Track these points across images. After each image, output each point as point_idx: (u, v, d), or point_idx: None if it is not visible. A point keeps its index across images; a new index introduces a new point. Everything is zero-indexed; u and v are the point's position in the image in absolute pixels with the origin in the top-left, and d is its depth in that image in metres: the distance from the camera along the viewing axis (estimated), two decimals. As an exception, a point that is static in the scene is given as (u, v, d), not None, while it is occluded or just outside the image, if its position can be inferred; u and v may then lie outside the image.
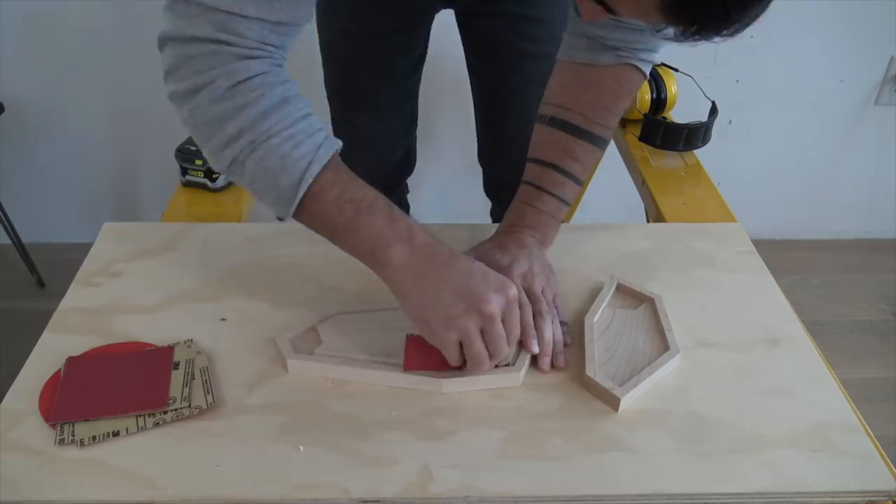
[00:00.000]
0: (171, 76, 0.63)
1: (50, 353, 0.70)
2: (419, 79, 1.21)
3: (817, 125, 1.92)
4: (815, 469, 0.61)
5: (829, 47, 1.79)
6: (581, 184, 0.80)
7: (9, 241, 1.80)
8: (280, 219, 0.67)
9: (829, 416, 0.66)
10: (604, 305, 0.77)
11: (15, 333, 0.62)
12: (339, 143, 0.66)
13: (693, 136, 1.13)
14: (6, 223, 1.75)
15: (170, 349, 0.70)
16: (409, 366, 0.68)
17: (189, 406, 0.65)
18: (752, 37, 1.91)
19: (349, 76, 1.15)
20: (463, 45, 1.15)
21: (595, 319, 0.75)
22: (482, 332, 0.64)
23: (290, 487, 0.59)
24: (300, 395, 0.67)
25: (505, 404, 0.67)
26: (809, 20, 1.74)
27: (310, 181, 0.63)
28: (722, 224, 0.94)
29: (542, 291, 0.74)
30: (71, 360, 0.69)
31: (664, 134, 1.14)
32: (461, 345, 0.65)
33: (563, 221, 0.82)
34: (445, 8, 1.10)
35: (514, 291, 0.65)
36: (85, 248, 0.85)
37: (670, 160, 1.15)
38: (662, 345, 0.72)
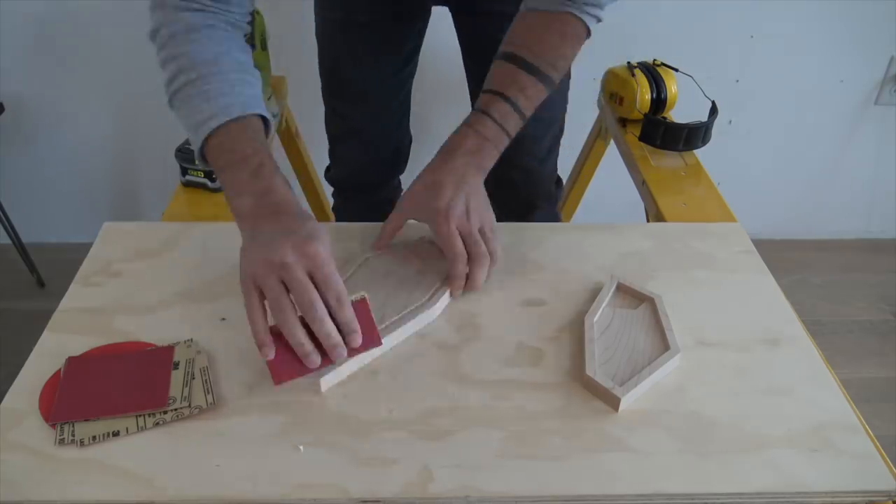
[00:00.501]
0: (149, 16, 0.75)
1: (50, 353, 0.70)
2: (411, 74, 1.21)
3: (817, 125, 1.92)
4: (815, 469, 0.61)
5: (829, 47, 1.79)
6: (523, 117, 0.84)
7: (9, 241, 1.80)
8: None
9: (829, 416, 0.66)
10: (604, 305, 0.77)
11: (15, 333, 0.62)
12: (258, 109, 0.73)
13: (693, 136, 1.14)
14: (6, 223, 1.75)
15: (170, 349, 0.70)
16: (279, 379, 0.66)
17: (189, 406, 0.65)
18: (752, 37, 1.92)
19: (338, 65, 1.16)
20: (459, 44, 1.16)
21: (595, 319, 0.75)
22: (286, 284, 0.64)
23: (290, 487, 0.59)
24: (300, 395, 0.67)
25: (505, 404, 0.67)
26: (809, 20, 1.74)
27: (206, 133, 0.71)
28: (722, 224, 0.94)
29: (481, 229, 0.78)
30: (71, 360, 0.69)
31: (664, 134, 1.15)
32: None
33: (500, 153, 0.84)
34: (437, 4, 1.11)
35: (316, 251, 0.64)
36: (85, 248, 0.85)
37: (670, 160, 1.15)
38: (663, 344, 0.72)
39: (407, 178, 1.39)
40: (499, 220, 0.84)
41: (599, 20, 0.85)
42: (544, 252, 0.86)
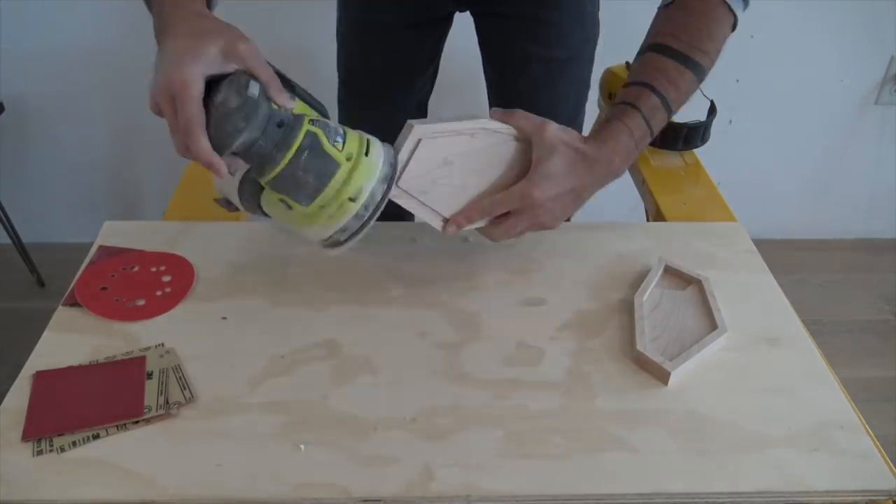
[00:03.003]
0: None
1: (50, 353, 0.70)
2: (428, 83, 1.20)
3: (817, 125, 1.92)
4: (816, 468, 0.61)
5: (829, 47, 1.79)
6: (671, 113, 0.78)
7: (9, 241, 1.80)
8: None
9: (829, 415, 0.66)
10: (652, 286, 0.79)
11: (15, 333, 0.62)
12: None
13: (692, 135, 1.14)
14: (6, 223, 1.75)
15: (141, 359, 0.69)
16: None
17: (167, 403, 0.65)
18: (752, 37, 1.92)
19: (354, 69, 1.15)
20: (480, 50, 1.15)
21: (644, 298, 0.77)
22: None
23: (290, 487, 0.59)
24: (300, 394, 0.67)
25: (505, 403, 0.67)
26: (809, 20, 1.74)
27: None
28: (722, 223, 0.94)
29: (547, 205, 0.72)
30: (39, 375, 0.68)
31: (663, 133, 1.14)
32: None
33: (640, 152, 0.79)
34: (459, 9, 1.09)
35: (182, 74, 0.60)
36: (85, 248, 0.85)
37: (670, 159, 1.15)
38: (710, 324, 0.74)
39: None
40: None
41: (747, 4, 0.80)
42: (544, 251, 0.86)
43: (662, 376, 0.69)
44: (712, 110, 1.16)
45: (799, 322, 0.77)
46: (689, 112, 1.18)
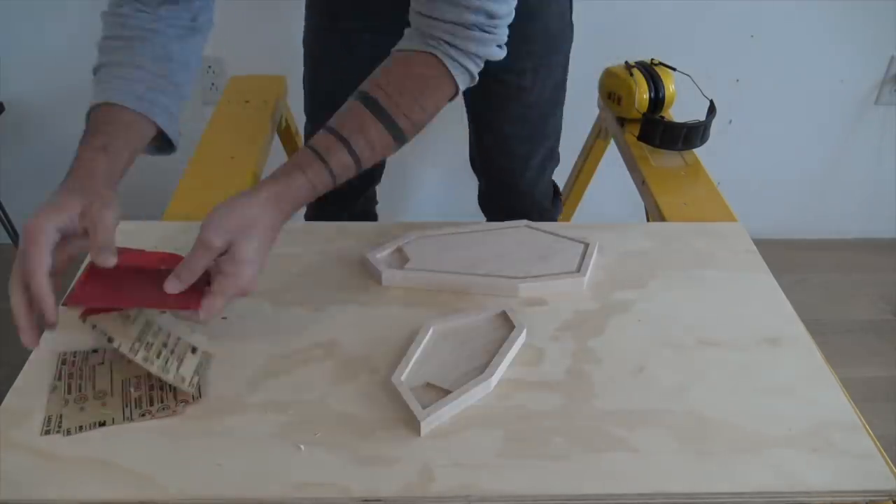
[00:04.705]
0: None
1: (50, 353, 0.70)
2: None
3: (817, 125, 1.92)
4: (816, 469, 0.61)
5: (829, 47, 1.79)
6: (359, 167, 0.73)
7: (9, 241, 1.80)
8: None
9: (829, 415, 0.66)
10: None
11: (15, 333, 0.62)
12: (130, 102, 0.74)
13: (692, 135, 1.13)
14: (6, 223, 1.75)
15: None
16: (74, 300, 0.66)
17: (175, 400, 0.65)
18: (752, 37, 1.92)
19: (317, 74, 1.13)
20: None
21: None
22: None
23: (290, 487, 0.59)
24: (300, 394, 0.67)
25: (505, 403, 0.67)
26: (809, 20, 1.74)
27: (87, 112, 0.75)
28: (722, 223, 0.94)
29: (235, 248, 0.66)
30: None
31: (663, 133, 1.14)
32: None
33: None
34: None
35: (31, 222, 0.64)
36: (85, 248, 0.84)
37: (670, 159, 1.15)
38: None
39: (412, 179, 1.39)
40: None
41: (472, 77, 0.76)
42: (544, 252, 0.86)
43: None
44: (712, 110, 1.16)
45: (799, 322, 0.77)
46: (691, 112, 1.18)
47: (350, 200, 1.27)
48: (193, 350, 0.69)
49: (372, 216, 1.39)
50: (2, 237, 1.81)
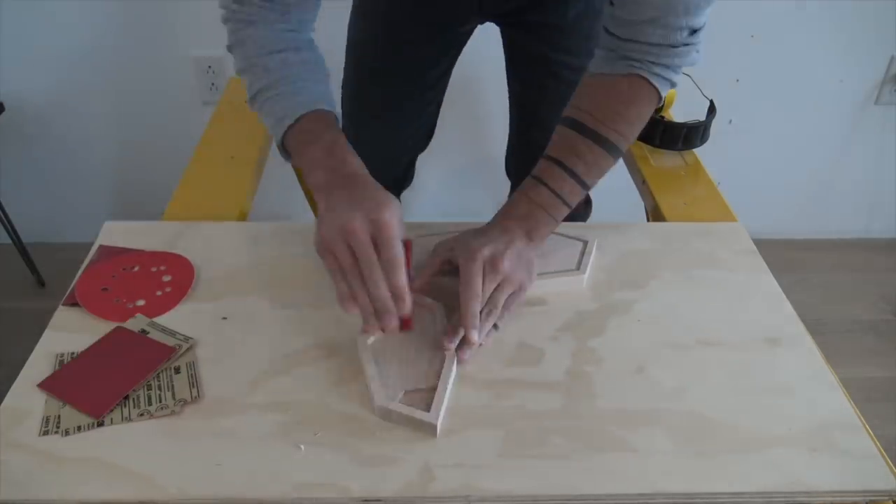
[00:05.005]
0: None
1: (50, 352, 0.70)
2: (435, 100, 1.18)
3: (817, 125, 1.92)
4: (816, 469, 0.61)
5: (829, 47, 1.79)
6: (585, 186, 0.78)
7: (9, 241, 1.80)
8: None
9: (829, 415, 0.66)
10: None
11: (15, 333, 0.62)
12: (324, 105, 0.78)
13: (692, 135, 1.13)
14: (6, 223, 1.75)
15: (172, 350, 0.70)
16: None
17: (174, 400, 0.65)
18: (752, 37, 1.92)
19: (361, 80, 1.14)
20: (505, 58, 1.15)
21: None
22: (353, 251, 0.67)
23: (290, 487, 0.59)
24: (300, 394, 0.67)
25: (505, 404, 0.67)
26: (809, 20, 1.74)
27: (283, 129, 0.77)
28: (723, 223, 0.94)
29: (502, 284, 0.73)
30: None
31: (662, 133, 1.14)
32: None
33: (559, 221, 0.80)
34: (482, 21, 1.08)
35: (381, 217, 0.66)
36: (85, 248, 0.85)
37: (670, 159, 1.15)
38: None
39: (415, 179, 1.39)
40: None
41: (673, 84, 0.79)
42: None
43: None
44: (712, 110, 1.16)
45: (799, 322, 0.77)
46: (691, 112, 1.18)
47: None
48: (177, 370, 0.69)
49: None
50: (2, 237, 1.81)
